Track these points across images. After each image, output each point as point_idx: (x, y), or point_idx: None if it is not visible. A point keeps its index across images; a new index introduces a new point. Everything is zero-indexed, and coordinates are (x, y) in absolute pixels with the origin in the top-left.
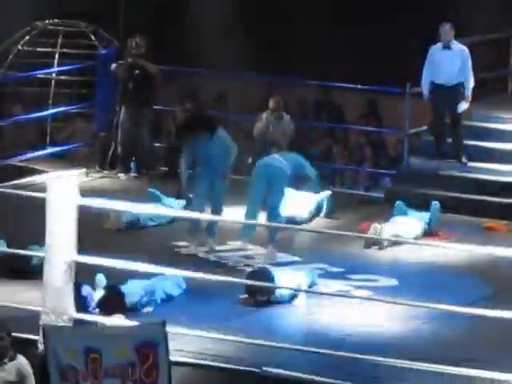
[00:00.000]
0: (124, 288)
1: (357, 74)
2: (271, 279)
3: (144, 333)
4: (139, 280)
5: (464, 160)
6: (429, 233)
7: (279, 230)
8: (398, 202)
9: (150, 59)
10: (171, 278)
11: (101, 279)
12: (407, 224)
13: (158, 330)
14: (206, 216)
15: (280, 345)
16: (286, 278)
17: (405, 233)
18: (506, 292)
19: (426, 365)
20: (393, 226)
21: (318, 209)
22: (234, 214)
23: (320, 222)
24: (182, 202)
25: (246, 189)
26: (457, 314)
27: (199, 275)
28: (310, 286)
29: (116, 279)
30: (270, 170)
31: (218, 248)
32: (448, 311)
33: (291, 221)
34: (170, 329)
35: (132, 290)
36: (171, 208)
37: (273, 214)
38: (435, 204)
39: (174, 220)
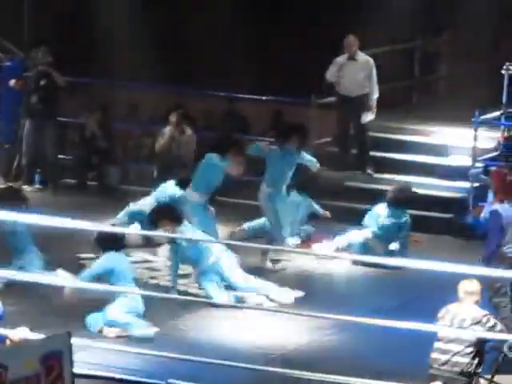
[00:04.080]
0: None
1: (265, 85)
2: None
3: (50, 344)
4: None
5: (369, 171)
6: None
7: None
8: None
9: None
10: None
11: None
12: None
13: (63, 342)
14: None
15: (184, 357)
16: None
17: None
18: (412, 303)
19: (331, 376)
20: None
21: None
22: None
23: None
24: None
25: None
26: (363, 325)
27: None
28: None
29: None
30: None
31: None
32: (352, 322)
33: None
34: (76, 341)
35: None
36: None
37: None
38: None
39: None
